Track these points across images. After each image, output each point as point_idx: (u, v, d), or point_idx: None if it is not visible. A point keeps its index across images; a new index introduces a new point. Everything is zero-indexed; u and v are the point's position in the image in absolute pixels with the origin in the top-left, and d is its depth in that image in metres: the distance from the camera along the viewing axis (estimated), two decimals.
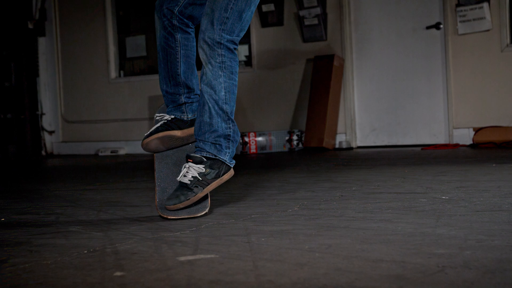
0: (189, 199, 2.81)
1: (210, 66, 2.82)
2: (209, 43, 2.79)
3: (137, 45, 9.41)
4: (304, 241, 2.17)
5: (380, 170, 4.80)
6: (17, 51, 9.56)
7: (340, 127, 8.07)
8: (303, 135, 7.94)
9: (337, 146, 8.00)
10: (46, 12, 9.76)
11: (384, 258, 1.87)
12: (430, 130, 7.71)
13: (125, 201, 3.53)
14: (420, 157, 6.01)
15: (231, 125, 2.89)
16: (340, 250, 2.01)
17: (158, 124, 3.04)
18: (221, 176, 2.89)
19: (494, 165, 4.76)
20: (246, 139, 7.82)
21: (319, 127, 7.77)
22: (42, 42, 9.82)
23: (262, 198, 3.41)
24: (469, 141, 7.36)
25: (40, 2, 9.74)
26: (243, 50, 8.69)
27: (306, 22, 8.09)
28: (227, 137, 2.88)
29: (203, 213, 2.87)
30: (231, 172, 2.94)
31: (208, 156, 2.88)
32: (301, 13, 8.10)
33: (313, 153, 7.45)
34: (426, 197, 3.11)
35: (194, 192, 2.83)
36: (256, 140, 7.86)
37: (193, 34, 3.03)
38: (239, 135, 2.96)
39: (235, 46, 2.85)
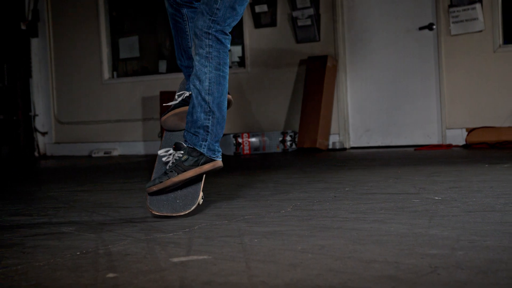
0: (162, 182, 2.82)
1: (197, 57, 2.85)
2: (198, 33, 2.82)
3: (130, 46, 9.40)
4: (297, 242, 2.17)
5: (373, 171, 4.80)
6: (9, 52, 9.54)
7: (334, 127, 8.08)
8: (297, 135, 7.94)
9: (330, 146, 8.01)
10: (38, 13, 9.74)
11: (377, 259, 1.87)
12: (424, 131, 7.73)
13: (118, 203, 3.53)
14: (414, 157, 6.02)
15: (210, 117, 2.87)
16: (333, 251, 2.01)
17: (176, 101, 3.06)
18: (200, 165, 2.87)
19: (487, 165, 4.78)
20: (240, 140, 7.82)
21: (312, 128, 7.77)
22: (35, 43, 9.80)
23: (255, 199, 3.41)
24: (462, 142, 7.38)
25: (32, 3, 9.71)
26: (236, 51, 8.69)
27: (299, 23, 8.10)
28: (205, 128, 2.87)
29: (186, 211, 2.86)
30: (215, 164, 2.91)
31: (188, 145, 2.90)
32: (294, 14, 8.11)
33: (306, 153, 7.46)
34: (419, 198, 3.11)
35: (168, 176, 2.83)
36: (249, 141, 7.86)
37: None
38: (223, 127, 2.93)
39: (226, 37, 2.86)
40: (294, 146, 7.93)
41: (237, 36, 8.65)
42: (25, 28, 9.69)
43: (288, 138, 7.92)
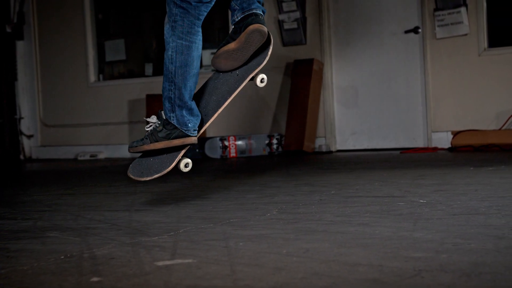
0: (136, 146, 2.95)
1: (166, 25, 2.92)
2: (167, 1, 2.90)
3: (116, 48, 9.37)
4: (282, 245, 2.17)
5: (359, 174, 4.81)
6: None
7: (320, 130, 8.09)
8: (283, 138, 7.95)
9: (316, 149, 8.02)
10: (24, 15, 9.70)
11: (362, 262, 1.88)
12: (409, 134, 7.76)
13: (104, 206, 3.52)
14: (399, 160, 6.05)
15: (172, 88, 2.94)
16: (318, 254, 2.01)
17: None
18: (171, 139, 2.94)
19: (471, 168, 4.80)
20: (226, 143, 7.81)
21: (298, 131, 7.79)
22: (20, 45, 9.76)
23: (241, 202, 3.41)
24: (447, 145, 7.41)
25: (18, 6, 9.67)
26: None
27: (286, 26, 8.11)
28: (169, 100, 2.96)
29: (148, 178, 3.00)
30: (186, 140, 2.98)
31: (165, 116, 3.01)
32: (281, 17, 8.12)
33: (292, 156, 7.47)
34: (404, 201, 3.13)
35: (142, 143, 2.95)
36: (236, 144, 7.86)
37: None
38: (185, 102, 2.99)
39: (191, 6, 2.90)
40: (280, 149, 7.93)
41: (223, 40, 8.63)
42: (11, 31, 9.65)
43: (275, 141, 7.93)
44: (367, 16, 7.92)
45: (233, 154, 7.84)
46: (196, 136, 3.01)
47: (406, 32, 7.69)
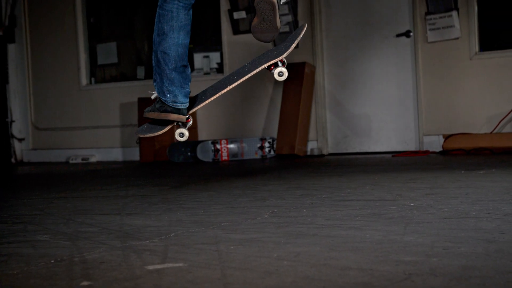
0: (144, 112, 3.38)
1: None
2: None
3: (108, 52, 9.36)
4: (273, 249, 2.17)
5: (350, 177, 4.82)
6: None
7: (312, 134, 8.10)
8: (275, 142, 7.95)
9: (308, 153, 8.02)
10: (16, 18, 9.68)
11: (352, 266, 1.88)
12: (401, 137, 7.77)
13: (95, 210, 3.51)
14: (391, 164, 6.06)
15: (153, 56, 3.31)
16: (308, 258, 2.01)
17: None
18: (161, 111, 3.34)
19: (463, 172, 4.81)
20: (218, 146, 7.81)
21: (290, 134, 7.79)
22: (12, 48, 9.73)
23: (232, 205, 3.41)
24: (439, 148, 7.43)
25: (9, 9, 9.65)
26: (214, 57, 8.69)
27: None
28: (153, 69, 3.35)
29: (143, 135, 3.49)
30: (167, 116, 3.36)
31: None
32: None
33: (284, 160, 7.47)
34: (395, 204, 3.13)
35: (147, 110, 3.39)
36: (228, 147, 7.86)
37: None
38: (164, 69, 3.32)
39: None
40: (272, 152, 7.94)
41: (216, 43, 8.65)
42: (2, 34, 9.62)
43: (267, 144, 7.93)
44: (359, 20, 7.93)
45: (225, 157, 7.83)
46: (178, 110, 3.37)
47: (398, 35, 7.71)
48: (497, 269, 1.77)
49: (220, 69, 8.64)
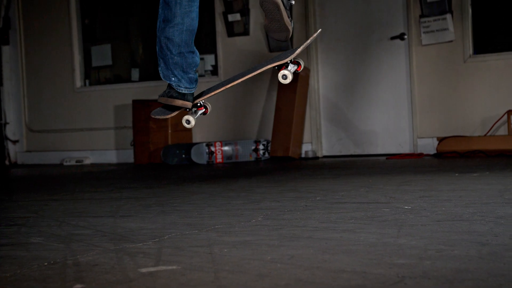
0: (159, 96, 3.42)
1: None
2: None
3: (102, 54, 9.35)
4: (267, 252, 2.17)
5: (345, 180, 4.82)
6: None
7: (306, 136, 8.10)
8: (270, 144, 7.95)
9: (303, 155, 8.03)
10: (10, 20, 9.66)
11: (346, 269, 1.88)
12: (395, 140, 7.79)
13: (89, 212, 3.50)
14: (385, 166, 6.06)
15: (157, 41, 3.34)
16: (302, 260, 2.01)
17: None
18: (168, 96, 3.39)
19: (456, 174, 4.82)
20: (212, 148, 7.81)
21: (285, 137, 7.79)
22: (6, 50, 9.72)
23: (226, 208, 3.41)
24: (433, 151, 7.45)
25: (4, 11, 9.63)
26: (209, 60, 8.69)
27: None
28: (157, 54, 3.38)
29: (156, 117, 3.50)
30: (172, 101, 3.39)
31: None
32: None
33: (279, 162, 7.47)
34: (389, 207, 3.13)
35: (160, 95, 3.44)
36: (222, 150, 7.85)
37: None
38: (166, 54, 3.35)
39: None
40: (267, 154, 7.94)
41: (210, 45, 8.65)
42: None
43: (261, 146, 7.93)
44: (353, 23, 7.95)
45: (219, 159, 7.83)
46: (183, 96, 3.39)
47: (392, 38, 7.72)
48: (490, 272, 1.78)
49: (214, 71, 8.64)
